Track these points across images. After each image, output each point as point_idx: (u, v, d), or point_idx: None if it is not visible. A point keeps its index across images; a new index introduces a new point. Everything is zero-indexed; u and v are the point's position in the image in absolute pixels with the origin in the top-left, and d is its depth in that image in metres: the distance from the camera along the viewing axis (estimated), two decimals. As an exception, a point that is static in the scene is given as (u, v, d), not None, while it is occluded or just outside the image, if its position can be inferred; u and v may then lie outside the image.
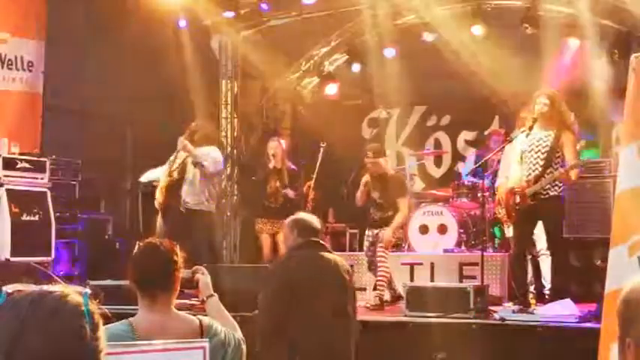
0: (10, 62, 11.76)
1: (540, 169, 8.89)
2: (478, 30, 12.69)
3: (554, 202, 8.95)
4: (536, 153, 8.93)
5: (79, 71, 12.54)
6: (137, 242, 4.23)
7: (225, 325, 4.12)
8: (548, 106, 8.89)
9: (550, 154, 8.87)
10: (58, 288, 1.96)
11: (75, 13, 12.26)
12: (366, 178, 10.42)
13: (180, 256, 4.08)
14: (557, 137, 8.88)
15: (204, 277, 4.37)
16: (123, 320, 3.86)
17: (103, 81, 12.86)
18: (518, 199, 8.95)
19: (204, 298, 4.34)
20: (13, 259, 10.26)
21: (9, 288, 1.95)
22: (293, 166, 11.47)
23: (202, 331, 3.94)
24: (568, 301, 8.59)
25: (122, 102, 13.33)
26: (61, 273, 11.12)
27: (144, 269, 4.01)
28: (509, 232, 10.24)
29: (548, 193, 8.89)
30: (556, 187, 8.92)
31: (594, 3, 11.81)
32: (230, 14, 13.22)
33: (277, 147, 11.36)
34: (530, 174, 8.93)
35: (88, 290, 1.97)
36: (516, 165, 9.13)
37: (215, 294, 4.38)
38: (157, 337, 3.74)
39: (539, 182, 8.84)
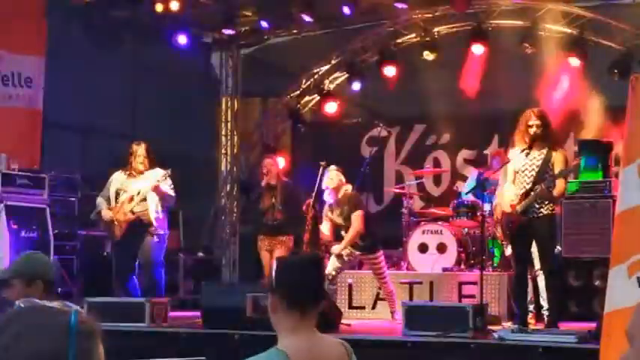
0: (6, 78, 11.75)
1: (529, 186, 8.96)
2: (478, 49, 12.72)
3: (546, 221, 9.00)
4: (529, 172, 9.01)
5: (79, 87, 12.54)
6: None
7: None
8: (542, 126, 8.97)
9: (540, 173, 8.95)
10: (52, 304, 1.95)
11: (75, 28, 12.27)
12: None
13: None
14: (549, 156, 8.96)
15: None
16: (271, 350, 3.34)
17: (103, 97, 12.87)
18: (511, 218, 9.00)
19: None
20: (11, 275, 10.23)
21: (21, 302, 1.96)
22: (287, 180, 11.41)
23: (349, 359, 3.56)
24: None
25: (122, 118, 13.35)
26: (59, 290, 11.09)
27: (299, 283, 3.44)
28: (509, 250, 10.24)
29: (541, 212, 8.95)
30: (548, 206, 8.98)
31: (594, 23, 11.85)
32: (230, 32, 13.25)
33: (271, 164, 11.30)
34: (520, 192, 9.00)
35: (78, 308, 1.96)
36: (509, 186, 9.19)
37: None
38: None
39: (527, 199, 8.90)
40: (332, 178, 10.37)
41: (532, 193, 8.94)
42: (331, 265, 10.28)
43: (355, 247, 10.26)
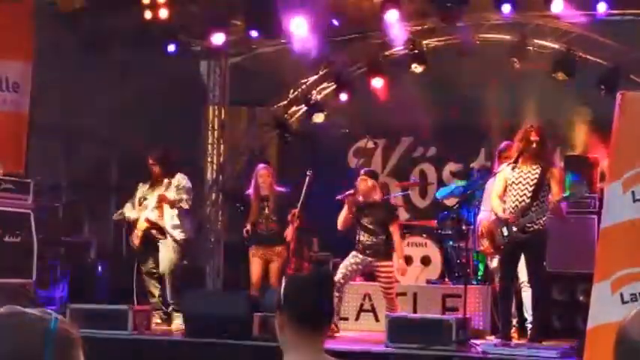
0: (-8, 83, 11.75)
1: (528, 200, 8.93)
2: (466, 62, 12.73)
3: (538, 236, 8.97)
4: (524, 185, 8.98)
5: (66, 93, 12.51)
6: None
7: None
8: (538, 143, 8.97)
9: (538, 188, 8.93)
10: (32, 311, 1.95)
11: (63, 34, 12.23)
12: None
13: None
14: (545, 172, 8.95)
15: None
16: None
17: (89, 103, 12.84)
18: (506, 232, 8.95)
19: None
20: (-7, 280, 10.18)
21: (2, 309, 1.96)
22: (281, 189, 11.39)
23: None
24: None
25: (108, 124, 13.31)
26: (42, 296, 11.04)
27: (308, 303, 3.31)
28: (493, 264, 10.25)
29: (532, 227, 8.93)
30: (540, 221, 8.96)
31: (583, 39, 11.88)
32: (219, 40, 13.23)
33: (267, 174, 11.32)
34: (516, 206, 8.96)
35: (58, 316, 1.95)
36: (496, 198, 9.17)
37: None
38: None
39: (529, 215, 8.87)
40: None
41: (533, 209, 8.91)
42: (340, 273, 10.00)
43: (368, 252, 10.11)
